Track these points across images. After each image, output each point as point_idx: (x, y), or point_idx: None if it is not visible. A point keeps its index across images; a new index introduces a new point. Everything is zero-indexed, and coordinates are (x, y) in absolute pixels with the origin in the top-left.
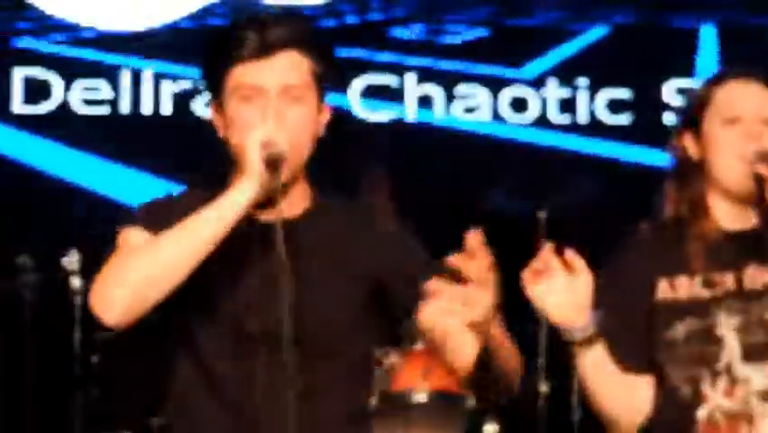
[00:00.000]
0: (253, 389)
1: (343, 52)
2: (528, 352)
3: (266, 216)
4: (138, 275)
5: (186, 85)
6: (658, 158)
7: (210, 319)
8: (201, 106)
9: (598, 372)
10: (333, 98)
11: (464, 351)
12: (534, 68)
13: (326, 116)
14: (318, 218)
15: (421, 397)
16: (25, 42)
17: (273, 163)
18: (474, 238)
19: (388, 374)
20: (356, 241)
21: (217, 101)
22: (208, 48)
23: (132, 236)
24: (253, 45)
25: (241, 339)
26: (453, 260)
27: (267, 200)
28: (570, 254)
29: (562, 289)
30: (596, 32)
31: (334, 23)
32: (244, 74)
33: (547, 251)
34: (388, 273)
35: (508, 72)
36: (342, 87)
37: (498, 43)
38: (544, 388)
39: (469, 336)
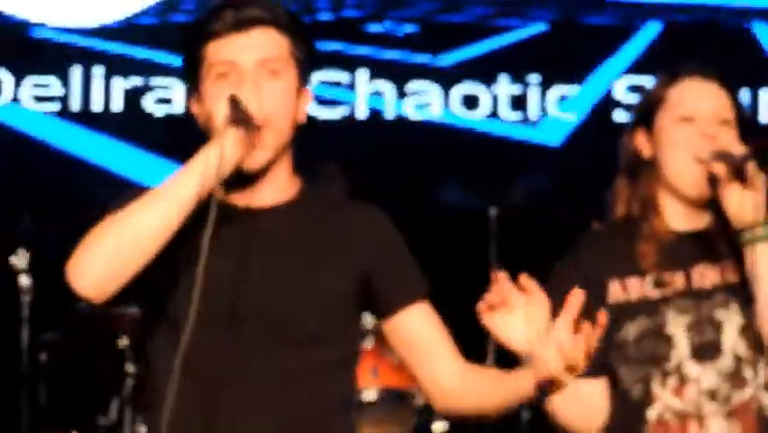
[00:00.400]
0: (223, 368)
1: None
2: (479, 354)
3: (242, 202)
4: (112, 241)
5: (137, 82)
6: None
7: (185, 303)
8: (151, 103)
9: (563, 403)
10: None
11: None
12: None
13: (307, 101)
14: (305, 207)
15: (371, 395)
16: None
17: (243, 120)
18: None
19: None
20: (345, 234)
21: (196, 91)
22: (185, 34)
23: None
24: (229, 20)
25: (215, 322)
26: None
27: (242, 186)
28: (524, 280)
29: (520, 317)
30: (534, 28)
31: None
32: (219, 50)
33: (501, 282)
34: (375, 271)
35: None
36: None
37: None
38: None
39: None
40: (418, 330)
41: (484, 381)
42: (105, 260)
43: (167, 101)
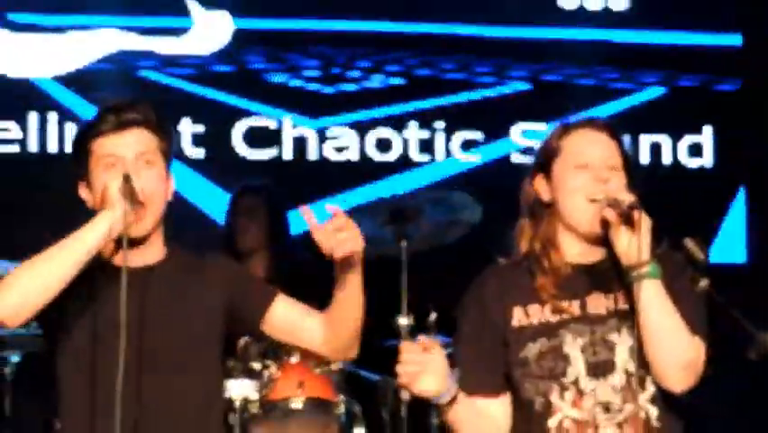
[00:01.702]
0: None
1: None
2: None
3: (135, 263)
4: (24, 281)
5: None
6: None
7: (86, 340)
8: None
9: (463, 417)
10: None
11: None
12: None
13: (172, 187)
14: (170, 264)
15: (297, 404)
16: None
17: (129, 191)
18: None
19: (268, 384)
20: (209, 277)
21: (85, 179)
22: (77, 134)
23: None
24: (111, 122)
25: (103, 356)
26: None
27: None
28: (422, 339)
29: (427, 371)
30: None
31: (224, 69)
32: (104, 145)
33: (410, 350)
34: (232, 300)
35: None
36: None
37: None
38: (405, 396)
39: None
40: (284, 315)
41: (334, 308)
42: (18, 294)
43: None
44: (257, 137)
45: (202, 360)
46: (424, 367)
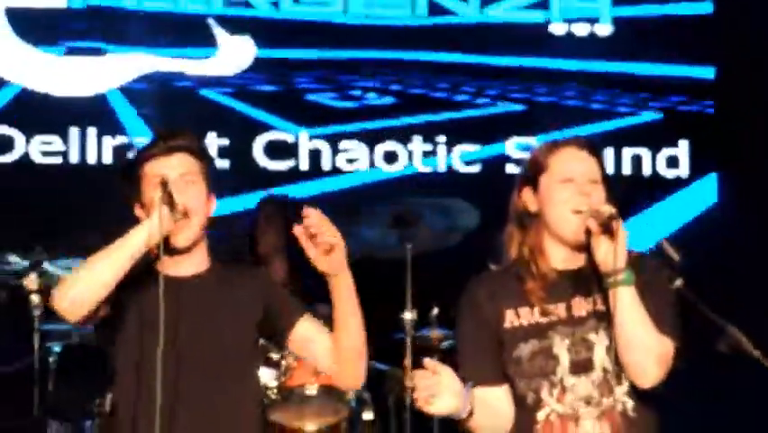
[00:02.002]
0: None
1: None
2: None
3: (181, 273)
4: (82, 279)
5: (123, 140)
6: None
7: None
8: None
9: (480, 421)
10: None
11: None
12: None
13: (213, 204)
14: (212, 275)
15: (312, 391)
16: None
17: (168, 197)
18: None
19: (285, 373)
20: (244, 286)
21: (138, 200)
22: (131, 160)
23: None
24: (160, 148)
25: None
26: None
27: (172, 258)
28: (428, 363)
29: (441, 392)
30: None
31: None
32: (154, 167)
33: (421, 376)
34: (266, 308)
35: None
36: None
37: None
38: (410, 383)
39: None
40: (306, 333)
41: (335, 333)
42: (78, 291)
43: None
44: (275, 149)
45: (235, 366)
46: (437, 390)
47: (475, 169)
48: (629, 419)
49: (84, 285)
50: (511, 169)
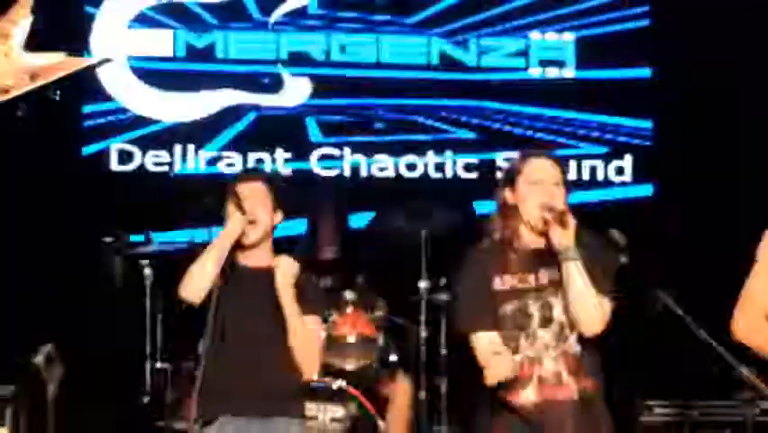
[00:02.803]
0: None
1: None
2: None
3: (249, 264)
4: (196, 274)
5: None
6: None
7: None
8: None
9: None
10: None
11: None
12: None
13: (279, 217)
14: (269, 268)
15: (351, 339)
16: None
17: (237, 203)
18: None
19: (331, 326)
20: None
21: (226, 205)
22: (231, 181)
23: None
24: (243, 177)
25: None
26: None
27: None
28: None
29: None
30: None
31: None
32: (242, 189)
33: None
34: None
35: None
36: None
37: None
38: (424, 333)
39: None
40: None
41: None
42: (196, 285)
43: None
44: (326, 159)
45: (277, 328)
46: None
47: (473, 175)
48: (578, 360)
49: (199, 280)
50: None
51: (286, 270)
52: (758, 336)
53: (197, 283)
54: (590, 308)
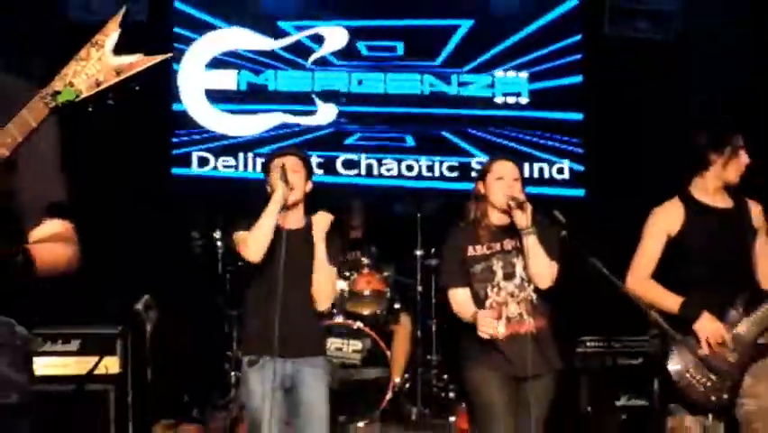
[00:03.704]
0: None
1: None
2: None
3: (287, 226)
4: (256, 236)
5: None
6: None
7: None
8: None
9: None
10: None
11: None
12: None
13: (310, 185)
14: (305, 228)
15: (367, 292)
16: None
17: (285, 180)
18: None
19: (351, 282)
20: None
21: (268, 177)
22: (266, 158)
23: (242, 234)
24: (279, 151)
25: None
26: None
27: (286, 215)
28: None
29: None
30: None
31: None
32: (274, 161)
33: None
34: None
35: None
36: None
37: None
38: (419, 288)
39: None
40: None
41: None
42: (257, 244)
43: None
44: (348, 162)
45: (310, 285)
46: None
47: (455, 174)
48: (534, 305)
49: (259, 240)
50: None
51: (320, 221)
52: (642, 289)
53: (258, 245)
54: (544, 268)
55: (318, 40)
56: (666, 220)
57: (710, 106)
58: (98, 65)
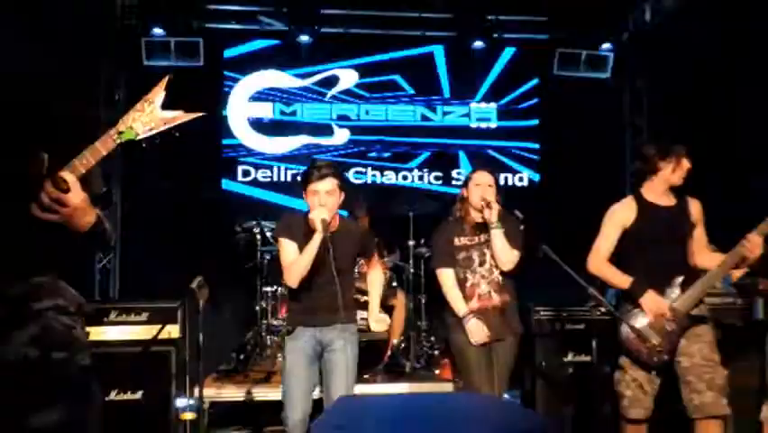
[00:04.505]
0: (321, 288)
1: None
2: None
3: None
4: (297, 268)
5: (294, 171)
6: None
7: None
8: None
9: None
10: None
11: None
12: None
13: (342, 196)
14: (341, 230)
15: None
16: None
17: (325, 225)
18: None
19: (360, 266)
20: (353, 235)
21: (305, 196)
22: (304, 174)
23: (284, 243)
24: (317, 174)
25: (323, 271)
26: None
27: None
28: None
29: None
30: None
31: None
32: (314, 185)
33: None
34: (360, 246)
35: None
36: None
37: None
38: (411, 270)
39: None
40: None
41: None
42: (297, 275)
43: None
44: (359, 173)
45: (347, 267)
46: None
47: (440, 181)
48: (500, 285)
49: (299, 272)
50: (453, 182)
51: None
52: (600, 271)
53: (297, 275)
54: (508, 255)
55: (335, 79)
56: (622, 215)
57: (637, 126)
58: (150, 116)
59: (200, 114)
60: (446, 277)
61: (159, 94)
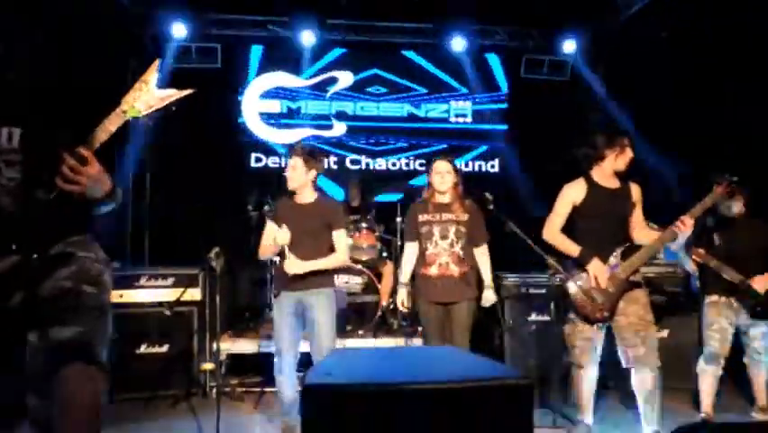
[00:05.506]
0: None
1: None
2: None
3: (298, 201)
4: (263, 250)
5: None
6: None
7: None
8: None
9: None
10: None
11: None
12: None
13: (313, 175)
14: (313, 204)
15: (364, 245)
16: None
17: (274, 217)
18: None
19: (354, 237)
20: (325, 209)
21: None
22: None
23: (267, 225)
24: (289, 154)
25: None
26: None
27: (298, 194)
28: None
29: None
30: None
31: (342, 141)
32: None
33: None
34: (330, 220)
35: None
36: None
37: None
38: (399, 243)
39: None
40: (335, 236)
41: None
42: (261, 255)
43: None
44: (354, 162)
45: (318, 237)
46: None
47: (424, 168)
48: (460, 258)
49: (263, 254)
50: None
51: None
52: (554, 239)
53: (262, 256)
54: (488, 262)
55: (334, 80)
56: (573, 193)
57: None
58: (148, 95)
59: (190, 90)
60: (407, 251)
61: (153, 74)
